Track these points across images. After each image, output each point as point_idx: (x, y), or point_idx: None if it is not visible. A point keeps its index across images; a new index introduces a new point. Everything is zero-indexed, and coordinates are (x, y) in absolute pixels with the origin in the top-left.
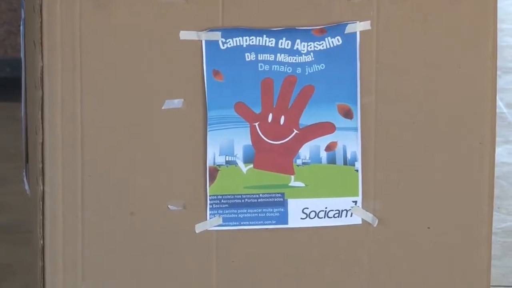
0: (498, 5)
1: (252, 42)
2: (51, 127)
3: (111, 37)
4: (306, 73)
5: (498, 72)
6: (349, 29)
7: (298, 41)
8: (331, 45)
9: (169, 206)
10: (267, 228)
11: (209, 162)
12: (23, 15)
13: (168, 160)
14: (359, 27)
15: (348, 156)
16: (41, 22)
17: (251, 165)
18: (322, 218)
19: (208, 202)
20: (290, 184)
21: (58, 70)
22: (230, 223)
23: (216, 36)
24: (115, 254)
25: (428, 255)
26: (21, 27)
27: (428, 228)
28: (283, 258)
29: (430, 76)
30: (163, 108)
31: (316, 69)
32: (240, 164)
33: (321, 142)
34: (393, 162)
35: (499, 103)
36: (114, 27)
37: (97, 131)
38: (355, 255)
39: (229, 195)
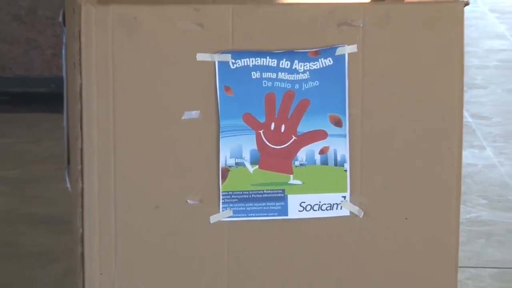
0: (464, 31)
1: (257, 62)
2: (89, 135)
3: (139, 59)
4: (303, 89)
5: (465, 88)
6: (339, 51)
7: (296, 61)
8: (324, 65)
9: (188, 200)
10: (270, 219)
11: (222, 164)
12: (64, 40)
13: (187, 162)
14: (347, 50)
15: (338, 158)
16: (80, 46)
17: (257, 166)
18: (316, 210)
19: (221, 197)
20: (289, 182)
21: (94, 87)
22: (239, 215)
23: (227, 57)
24: (142, 241)
25: (406, 242)
26: (63, 50)
27: (406, 219)
28: (283, 244)
29: (407, 91)
30: (182, 118)
31: (311, 85)
32: (248, 165)
33: (316, 146)
34: (376, 163)
35: (465, 113)
36: (141, 50)
37: (127, 138)
38: (344, 242)
39: (238, 191)
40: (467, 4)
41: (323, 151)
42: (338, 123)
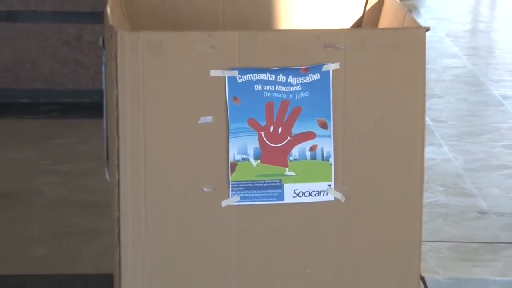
0: (426, 52)
1: (259, 77)
2: (124, 137)
3: (164, 75)
4: (296, 98)
5: (426, 97)
6: (325, 68)
7: (290, 76)
8: (313, 79)
9: (204, 188)
10: (270, 203)
11: (231, 159)
12: (104, 60)
13: (203, 158)
14: (331, 67)
15: (325, 154)
16: (116, 65)
17: (259, 161)
18: (307, 196)
19: (230, 186)
20: (285, 174)
21: (128, 98)
22: (245, 200)
23: (235, 73)
24: (166, 221)
25: (379, 222)
26: (103, 68)
27: (379, 203)
28: (281, 223)
29: (380, 100)
30: (199, 122)
31: (303, 96)
32: (252, 160)
33: (306, 145)
34: (355, 158)
35: (427, 118)
36: (165, 68)
37: (154, 139)
38: (330, 221)
39: (244, 181)
40: (428, 30)
41: (312, 149)
42: (324, 126)
